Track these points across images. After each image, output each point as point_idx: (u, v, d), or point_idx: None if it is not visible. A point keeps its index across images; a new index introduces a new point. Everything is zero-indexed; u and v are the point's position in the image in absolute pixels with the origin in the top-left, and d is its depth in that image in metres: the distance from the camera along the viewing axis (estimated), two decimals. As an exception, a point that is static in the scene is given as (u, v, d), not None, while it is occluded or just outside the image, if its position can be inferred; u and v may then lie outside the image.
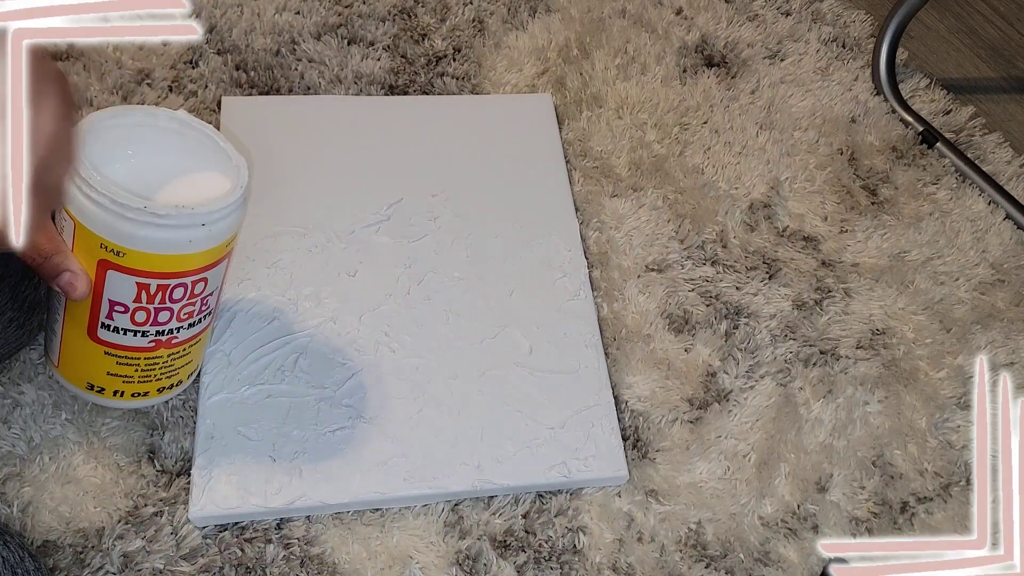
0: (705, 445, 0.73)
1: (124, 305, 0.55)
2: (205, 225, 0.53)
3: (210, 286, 0.58)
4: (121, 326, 0.56)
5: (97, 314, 0.56)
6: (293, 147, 0.84)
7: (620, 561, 0.67)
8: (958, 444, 0.76)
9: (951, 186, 0.94)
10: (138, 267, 0.53)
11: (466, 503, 0.68)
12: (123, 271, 0.53)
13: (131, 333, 0.57)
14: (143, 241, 0.52)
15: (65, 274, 0.53)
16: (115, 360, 0.58)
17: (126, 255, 0.53)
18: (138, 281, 0.54)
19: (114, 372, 0.59)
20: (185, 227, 0.52)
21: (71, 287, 0.53)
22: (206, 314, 0.60)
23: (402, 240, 0.79)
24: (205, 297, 0.58)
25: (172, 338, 0.59)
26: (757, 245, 0.86)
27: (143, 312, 0.56)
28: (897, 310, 0.84)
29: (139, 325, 0.57)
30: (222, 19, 0.93)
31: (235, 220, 0.55)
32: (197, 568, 0.62)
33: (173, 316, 0.57)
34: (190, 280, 0.55)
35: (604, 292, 0.81)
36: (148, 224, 0.51)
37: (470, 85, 0.94)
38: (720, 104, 0.97)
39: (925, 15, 1.11)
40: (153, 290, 0.55)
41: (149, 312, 0.56)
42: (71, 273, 0.53)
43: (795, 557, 0.69)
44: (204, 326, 0.61)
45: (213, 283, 0.58)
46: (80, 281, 0.53)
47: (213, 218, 0.53)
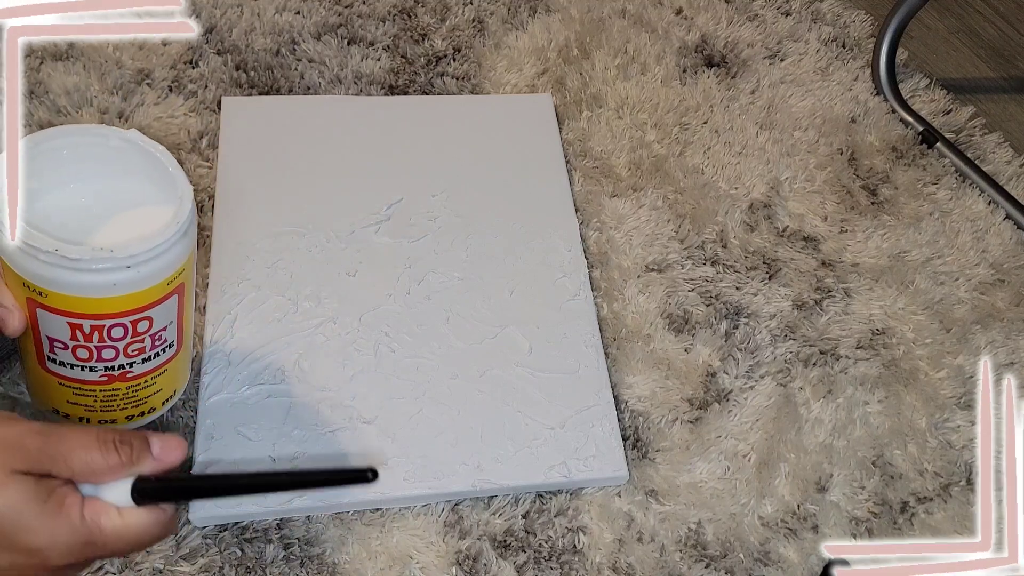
0: (705, 445, 0.73)
1: (62, 342, 0.52)
2: (130, 268, 0.49)
3: (159, 323, 0.54)
4: (66, 361, 0.53)
5: (40, 348, 0.53)
6: (293, 147, 0.84)
7: (620, 561, 0.67)
8: (958, 444, 0.76)
9: (951, 186, 0.94)
10: (63, 308, 0.50)
11: (466, 503, 0.68)
12: (50, 311, 0.50)
13: (77, 368, 0.54)
14: (61, 284, 0.49)
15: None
16: (71, 391, 0.56)
17: (48, 296, 0.50)
18: (69, 321, 0.51)
19: (73, 401, 0.57)
20: (105, 271, 0.49)
21: (3, 323, 0.51)
22: (164, 347, 0.56)
23: (402, 240, 0.79)
24: (155, 333, 0.54)
25: (126, 372, 0.55)
26: (757, 245, 0.86)
27: (84, 350, 0.53)
28: (897, 310, 0.84)
29: (84, 361, 0.53)
30: (222, 19, 0.93)
31: (171, 258, 0.52)
32: (197, 568, 0.62)
33: (119, 353, 0.54)
34: (128, 320, 0.52)
35: (604, 292, 0.81)
36: (62, 268, 0.48)
37: (470, 85, 0.94)
38: (720, 104, 0.97)
39: (925, 15, 1.11)
40: (87, 329, 0.51)
41: (91, 350, 0.53)
42: (3, 308, 0.51)
43: (795, 557, 0.69)
44: (166, 358, 0.57)
45: (163, 319, 0.54)
46: (12, 317, 0.51)
47: (139, 260, 0.49)
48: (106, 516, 0.41)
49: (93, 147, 0.54)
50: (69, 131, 0.53)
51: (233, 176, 0.80)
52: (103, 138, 0.54)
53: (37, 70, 0.85)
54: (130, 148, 0.54)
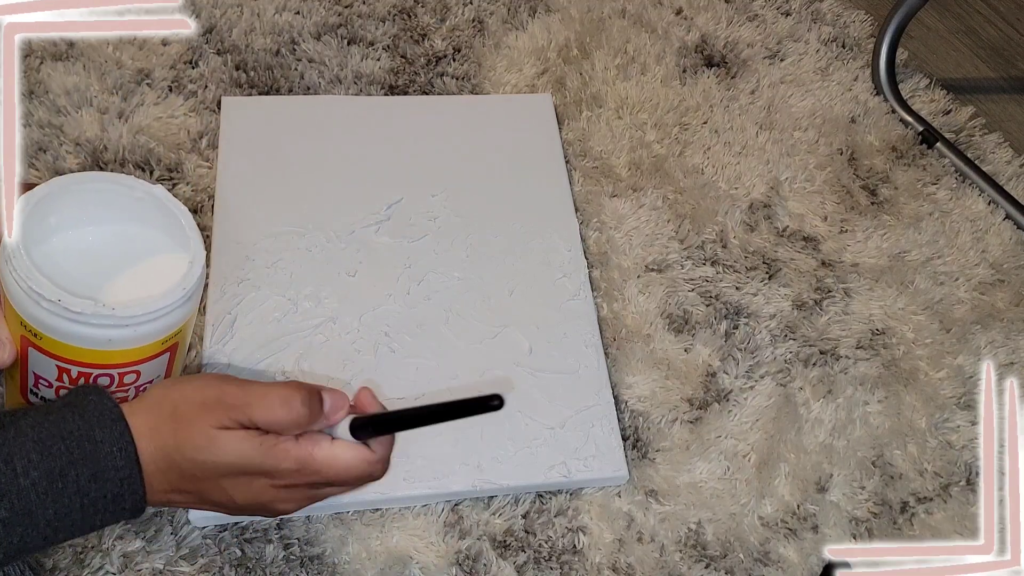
0: (705, 445, 0.73)
1: (48, 381, 0.53)
2: (128, 327, 0.50)
3: (146, 376, 0.54)
4: (47, 398, 0.54)
5: (26, 382, 0.54)
6: (293, 147, 0.84)
7: (620, 561, 0.67)
8: (958, 444, 0.76)
9: (951, 186, 0.94)
10: (55, 352, 0.51)
11: (466, 503, 0.68)
12: (42, 352, 0.51)
13: None
14: (58, 332, 0.50)
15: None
16: None
17: (43, 339, 0.50)
18: (58, 364, 0.51)
19: None
20: (103, 327, 0.50)
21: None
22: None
23: (402, 240, 0.79)
24: (141, 385, 0.54)
25: None
26: (757, 245, 0.86)
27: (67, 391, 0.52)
28: (897, 310, 0.84)
29: None
30: (222, 19, 0.93)
31: (173, 320, 0.52)
32: (197, 568, 0.62)
33: None
34: (116, 372, 0.52)
35: (604, 292, 0.81)
36: (61, 318, 0.49)
37: (470, 85, 0.94)
38: (720, 104, 0.97)
39: (925, 15, 1.11)
40: (75, 375, 0.52)
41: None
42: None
43: (795, 557, 0.69)
44: None
45: (151, 373, 0.54)
46: (3, 350, 0.52)
47: (138, 320, 0.50)
48: (318, 446, 0.49)
49: (117, 195, 0.55)
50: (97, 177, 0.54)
51: (233, 176, 0.80)
52: (129, 188, 0.55)
53: (37, 70, 0.85)
54: (152, 201, 0.55)
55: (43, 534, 0.44)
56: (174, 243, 0.55)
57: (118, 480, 0.45)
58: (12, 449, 0.43)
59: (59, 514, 0.44)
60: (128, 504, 0.46)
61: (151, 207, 0.55)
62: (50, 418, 0.45)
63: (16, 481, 0.43)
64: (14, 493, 0.43)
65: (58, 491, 0.44)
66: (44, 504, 0.44)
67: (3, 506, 0.43)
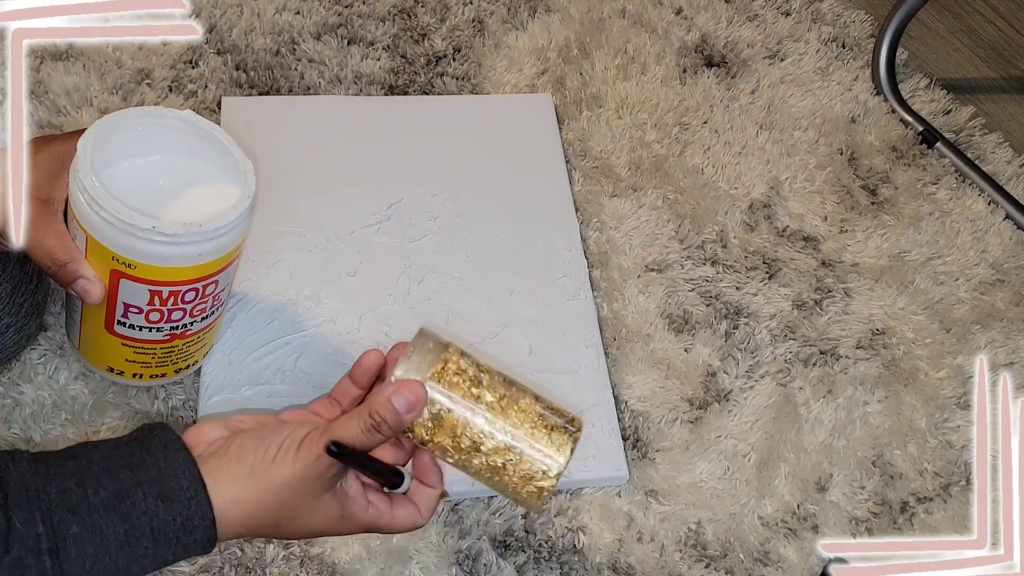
0: (705, 445, 0.73)
1: (138, 307, 0.56)
2: (214, 239, 0.54)
3: (221, 284, 0.59)
4: (137, 323, 0.58)
5: (113, 314, 0.57)
6: (293, 147, 0.84)
7: (620, 561, 0.67)
8: (958, 444, 0.76)
9: (951, 186, 0.94)
10: (150, 277, 0.54)
11: (466, 503, 0.68)
12: (135, 280, 0.54)
13: (146, 329, 0.58)
14: (153, 257, 0.53)
15: (80, 280, 0.54)
16: (133, 350, 0.60)
17: (137, 267, 0.53)
18: (151, 289, 0.55)
19: (132, 359, 0.61)
20: (194, 243, 0.53)
21: (86, 293, 0.55)
22: (219, 306, 0.61)
23: (402, 240, 0.79)
24: (217, 294, 0.59)
25: (186, 331, 0.60)
26: (757, 245, 0.86)
27: (157, 313, 0.57)
28: (897, 310, 0.84)
29: (154, 323, 0.58)
30: (222, 19, 0.93)
31: (245, 227, 0.56)
32: (197, 568, 0.62)
33: (186, 314, 0.58)
34: (201, 284, 0.56)
35: (604, 292, 0.81)
36: (157, 243, 0.52)
37: (470, 85, 0.94)
38: (720, 104, 0.97)
39: (925, 15, 1.11)
40: (166, 295, 0.56)
41: (163, 312, 0.57)
42: (85, 280, 0.54)
43: (795, 557, 0.69)
44: (217, 316, 0.62)
45: (224, 282, 0.59)
46: (94, 287, 0.55)
47: (221, 232, 0.54)
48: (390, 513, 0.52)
49: (149, 128, 0.57)
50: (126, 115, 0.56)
51: (233, 176, 0.80)
52: (158, 118, 0.58)
53: (37, 70, 0.85)
54: (186, 126, 0.58)
55: (114, 560, 0.45)
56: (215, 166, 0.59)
57: (184, 500, 0.46)
58: (84, 476, 0.45)
59: (129, 536, 0.45)
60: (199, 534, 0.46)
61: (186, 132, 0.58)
62: (118, 452, 0.47)
63: (87, 499, 0.44)
64: (84, 510, 0.44)
65: (126, 509, 0.45)
66: (114, 522, 0.44)
67: (75, 521, 0.44)
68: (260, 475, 0.47)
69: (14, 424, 0.66)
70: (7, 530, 0.42)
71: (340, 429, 0.48)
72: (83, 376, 0.68)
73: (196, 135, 0.58)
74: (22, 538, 0.42)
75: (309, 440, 0.48)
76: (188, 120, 0.58)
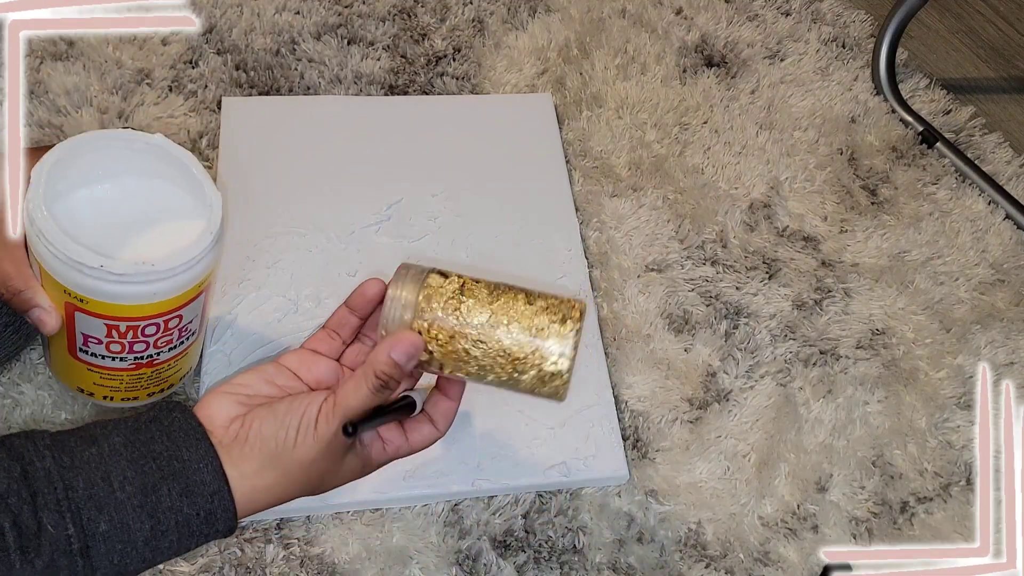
0: (705, 445, 0.73)
1: (97, 339, 0.55)
2: (168, 280, 0.52)
3: (186, 319, 0.56)
4: (98, 352, 0.56)
5: (74, 342, 0.56)
6: (293, 147, 0.84)
7: (620, 561, 0.67)
8: (958, 444, 0.76)
9: (951, 186, 0.94)
10: (103, 313, 0.52)
11: (466, 503, 0.68)
12: (89, 315, 0.53)
13: (109, 359, 0.56)
14: (102, 294, 0.51)
15: (35, 310, 0.53)
16: (99, 375, 0.58)
17: (89, 303, 0.52)
18: (106, 323, 0.53)
19: (101, 383, 0.59)
20: (147, 283, 0.51)
21: (41, 323, 0.53)
22: (188, 336, 0.59)
23: (402, 240, 0.79)
24: (183, 327, 0.57)
25: (153, 360, 0.58)
26: (757, 245, 0.86)
27: (117, 344, 0.55)
28: (897, 310, 0.84)
29: (116, 354, 0.56)
30: (222, 19, 0.93)
31: (205, 266, 0.54)
32: (197, 568, 0.62)
33: (149, 346, 0.56)
34: (162, 320, 0.54)
35: (604, 292, 0.81)
36: (106, 281, 0.51)
37: (470, 85, 0.94)
38: (720, 104, 0.97)
39: (925, 15, 1.11)
40: (123, 329, 0.54)
41: (124, 344, 0.55)
42: (40, 309, 0.53)
43: (795, 557, 0.69)
44: (188, 345, 0.60)
45: (190, 315, 0.56)
46: (49, 317, 0.53)
47: (177, 271, 0.52)
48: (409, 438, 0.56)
49: (118, 152, 0.56)
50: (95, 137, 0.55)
51: (233, 176, 0.80)
52: (128, 143, 0.56)
53: (37, 70, 0.85)
54: (156, 152, 0.56)
55: (141, 554, 0.46)
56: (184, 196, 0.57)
57: (208, 495, 0.47)
58: (109, 466, 0.46)
59: (155, 531, 0.46)
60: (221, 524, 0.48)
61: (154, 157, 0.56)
62: (140, 437, 0.47)
63: (113, 495, 0.45)
64: (112, 506, 0.45)
65: (152, 505, 0.45)
66: (140, 519, 0.45)
67: (103, 519, 0.44)
68: (284, 460, 0.48)
69: (14, 424, 0.66)
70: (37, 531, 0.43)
71: (351, 397, 0.49)
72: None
73: (166, 161, 0.56)
74: (53, 540, 0.43)
75: (324, 416, 0.49)
76: (159, 145, 0.56)
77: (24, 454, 0.45)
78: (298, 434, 0.48)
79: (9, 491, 0.43)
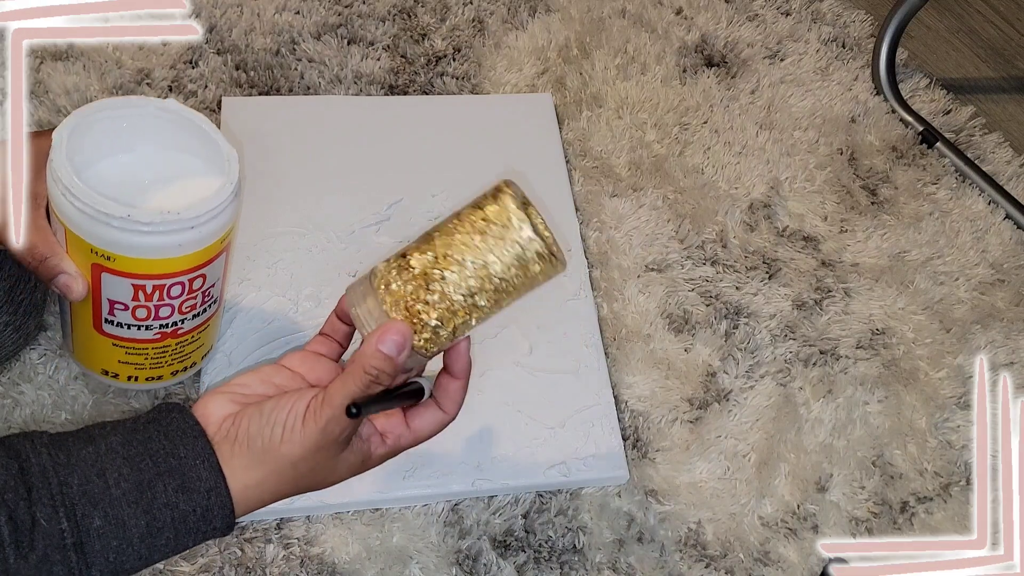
0: (705, 445, 0.73)
1: (123, 303, 0.55)
2: (194, 228, 0.52)
3: (209, 280, 0.57)
4: (124, 322, 0.57)
5: (100, 311, 0.56)
6: (293, 147, 0.84)
7: (620, 561, 0.67)
8: (958, 444, 0.76)
9: (951, 186, 0.94)
10: (130, 270, 0.53)
11: (466, 503, 0.68)
12: (116, 274, 0.53)
13: (135, 327, 0.57)
14: (130, 248, 0.52)
15: (61, 276, 0.53)
16: (124, 351, 0.59)
17: (116, 260, 0.52)
18: (133, 283, 0.54)
19: (125, 360, 0.60)
20: (172, 232, 0.52)
21: (68, 288, 0.54)
22: (210, 303, 0.60)
23: (402, 240, 0.79)
24: (206, 290, 0.58)
25: (177, 329, 0.59)
26: (757, 245, 0.86)
27: (143, 309, 0.56)
28: (897, 310, 0.84)
29: (141, 320, 0.57)
30: (222, 19, 0.93)
31: (227, 217, 0.55)
32: (197, 568, 0.62)
33: (175, 311, 0.57)
34: (186, 278, 0.55)
35: (604, 292, 0.81)
36: (134, 232, 0.51)
37: (470, 85, 0.94)
38: (720, 104, 0.97)
39: (925, 15, 1.11)
40: (150, 290, 0.54)
41: (150, 309, 0.56)
42: (67, 275, 0.53)
43: (795, 557, 0.69)
44: (210, 314, 0.61)
45: (212, 276, 0.57)
46: (76, 283, 0.54)
47: (201, 220, 0.52)
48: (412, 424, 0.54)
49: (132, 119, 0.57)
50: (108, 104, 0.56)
51: (233, 176, 0.80)
52: (141, 108, 0.57)
53: (37, 70, 0.85)
54: (169, 116, 0.57)
55: (137, 551, 0.45)
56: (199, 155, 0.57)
57: (204, 491, 0.46)
58: (105, 463, 0.45)
59: (151, 528, 0.45)
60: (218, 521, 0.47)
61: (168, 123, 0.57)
62: (137, 436, 0.47)
63: (108, 491, 0.45)
64: (107, 502, 0.44)
65: (148, 501, 0.45)
66: (136, 515, 0.45)
67: (97, 515, 0.44)
68: (271, 457, 0.48)
69: (14, 424, 0.66)
70: (31, 526, 0.43)
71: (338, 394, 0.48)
72: (83, 376, 0.68)
73: (180, 125, 0.57)
74: (47, 535, 0.43)
75: (312, 412, 0.48)
76: (171, 110, 0.57)
77: (22, 452, 0.45)
78: (284, 430, 0.48)
79: (6, 487, 0.43)
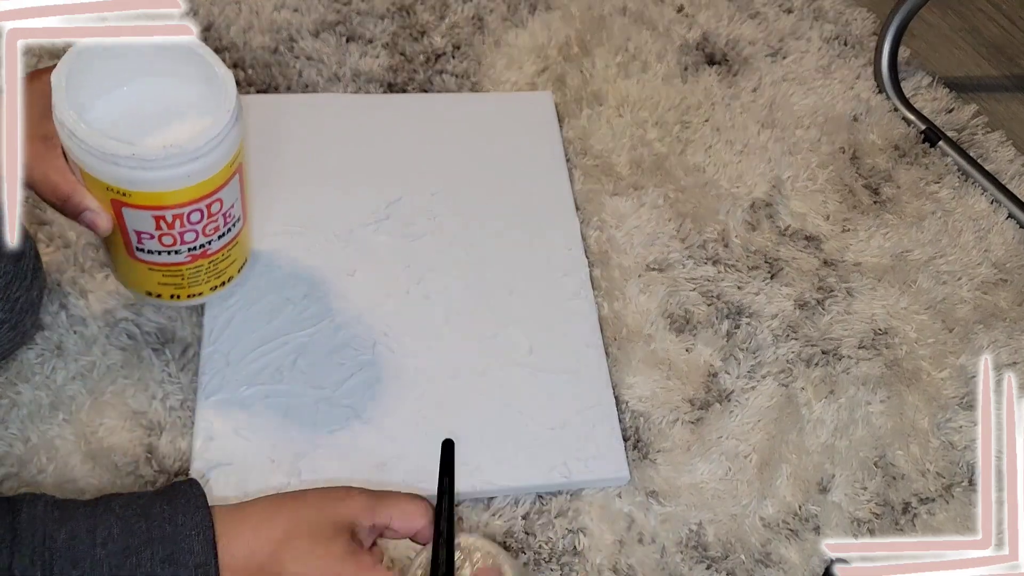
0: (706, 446, 0.73)
1: (149, 233, 0.58)
2: (199, 159, 0.54)
3: (227, 202, 0.59)
4: (153, 249, 0.59)
5: (129, 241, 0.59)
6: (291, 146, 0.83)
7: (621, 562, 0.67)
8: (960, 444, 0.76)
9: (953, 185, 0.94)
10: (147, 203, 0.55)
11: (466, 503, 0.67)
12: (135, 207, 0.56)
13: (165, 253, 0.60)
14: (143, 183, 0.54)
15: (86, 212, 0.55)
16: (161, 274, 0.62)
17: (131, 195, 0.55)
18: (153, 214, 0.56)
19: (164, 282, 0.63)
20: (179, 165, 0.54)
21: (94, 224, 0.56)
22: (233, 223, 0.62)
23: (401, 239, 0.79)
24: (226, 212, 0.60)
25: (206, 250, 0.62)
26: (759, 244, 0.86)
27: (169, 236, 0.58)
28: (899, 310, 0.83)
29: (169, 247, 0.59)
30: (219, 17, 0.93)
31: (231, 142, 0.56)
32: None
33: (199, 235, 0.60)
34: (203, 204, 0.57)
35: (605, 291, 0.80)
36: (142, 169, 0.53)
37: (470, 83, 0.93)
38: (721, 102, 0.96)
39: (927, 13, 1.11)
40: (170, 219, 0.57)
41: (174, 236, 0.59)
42: (91, 211, 0.55)
43: (796, 558, 0.69)
44: (236, 233, 0.63)
45: (230, 198, 0.60)
46: (100, 218, 0.56)
47: (206, 150, 0.54)
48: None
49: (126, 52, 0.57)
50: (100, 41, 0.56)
51: (231, 174, 0.80)
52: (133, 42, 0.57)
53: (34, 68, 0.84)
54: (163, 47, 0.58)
55: None
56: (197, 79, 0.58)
57: (192, 566, 0.45)
58: (97, 521, 0.45)
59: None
60: None
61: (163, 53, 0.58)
62: (141, 500, 0.47)
63: (93, 550, 0.44)
64: (87, 563, 0.44)
65: (130, 568, 0.44)
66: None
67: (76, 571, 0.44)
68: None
69: (11, 425, 0.66)
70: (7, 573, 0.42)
71: None
72: (81, 376, 0.68)
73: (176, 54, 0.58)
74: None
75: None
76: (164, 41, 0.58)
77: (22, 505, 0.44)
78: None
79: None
